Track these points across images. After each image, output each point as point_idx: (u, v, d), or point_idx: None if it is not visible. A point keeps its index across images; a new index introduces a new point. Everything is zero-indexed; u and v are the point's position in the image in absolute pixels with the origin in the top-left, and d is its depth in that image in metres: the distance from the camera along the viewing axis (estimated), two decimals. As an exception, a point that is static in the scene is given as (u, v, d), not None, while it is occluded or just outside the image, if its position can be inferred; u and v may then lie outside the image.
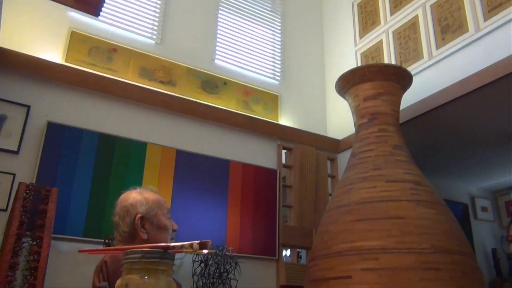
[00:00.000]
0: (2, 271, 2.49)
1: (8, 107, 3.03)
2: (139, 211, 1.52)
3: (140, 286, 0.60)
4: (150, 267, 0.62)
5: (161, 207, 1.60)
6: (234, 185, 3.66)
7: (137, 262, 0.62)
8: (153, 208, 1.55)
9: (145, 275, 0.61)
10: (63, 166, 3.06)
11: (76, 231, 2.98)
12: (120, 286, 0.61)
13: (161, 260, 0.62)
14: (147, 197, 1.58)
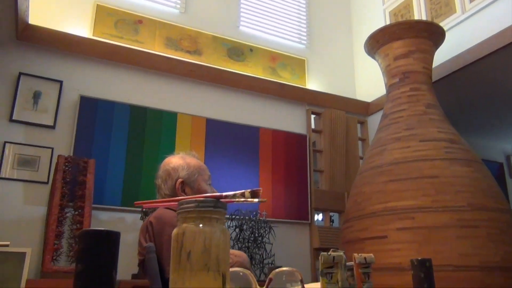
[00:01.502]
0: (50, 240, 2.61)
1: (42, 83, 3.10)
2: (180, 175, 1.56)
3: (196, 233, 0.62)
4: (205, 215, 0.63)
5: (202, 172, 1.64)
6: (265, 152, 3.68)
7: (192, 211, 0.64)
8: (194, 173, 1.58)
9: (200, 223, 0.63)
10: (98, 138, 3.14)
11: (114, 201, 3.08)
12: (177, 234, 0.63)
13: (214, 209, 0.64)
14: (189, 162, 1.61)
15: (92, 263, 0.40)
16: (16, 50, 3.08)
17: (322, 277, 0.70)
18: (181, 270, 0.61)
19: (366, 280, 0.73)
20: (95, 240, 0.41)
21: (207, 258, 0.61)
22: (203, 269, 0.61)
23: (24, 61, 3.09)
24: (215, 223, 0.64)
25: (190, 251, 0.61)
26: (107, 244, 0.41)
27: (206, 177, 1.63)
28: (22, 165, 2.93)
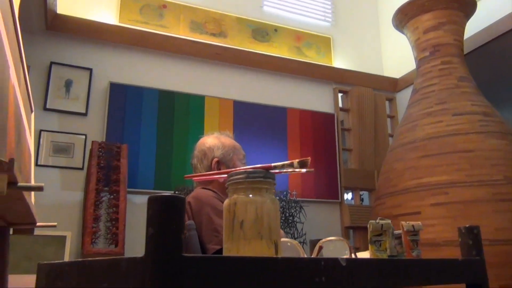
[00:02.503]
0: (88, 223, 2.70)
1: (73, 71, 3.17)
2: (216, 155, 1.58)
3: (247, 203, 0.63)
4: (255, 186, 0.65)
5: (237, 152, 1.65)
6: (293, 132, 3.68)
7: (242, 182, 0.65)
8: (229, 152, 1.60)
9: (250, 194, 0.64)
10: (128, 123, 3.19)
11: (147, 184, 3.14)
12: (229, 205, 0.65)
13: (264, 179, 0.65)
14: (224, 141, 1.63)
15: (162, 226, 0.42)
16: (47, 40, 3.14)
17: (371, 245, 0.70)
18: (235, 239, 0.63)
19: (415, 247, 0.73)
20: (163, 205, 0.42)
21: (260, 226, 0.63)
22: (256, 237, 0.62)
23: (55, 50, 3.15)
24: (265, 193, 0.65)
25: (242, 220, 0.63)
26: (174, 208, 0.42)
27: (240, 156, 1.65)
28: (58, 152, 3.02)
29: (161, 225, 0.42)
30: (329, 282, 0.52)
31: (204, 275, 0.43)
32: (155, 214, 0.42)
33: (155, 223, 0.42)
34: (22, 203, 0.95)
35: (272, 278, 0.48)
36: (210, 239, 1.37)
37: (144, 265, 0.41)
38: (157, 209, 0.42)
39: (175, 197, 0.43)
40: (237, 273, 0.45)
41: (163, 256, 0.41)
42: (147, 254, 0.42)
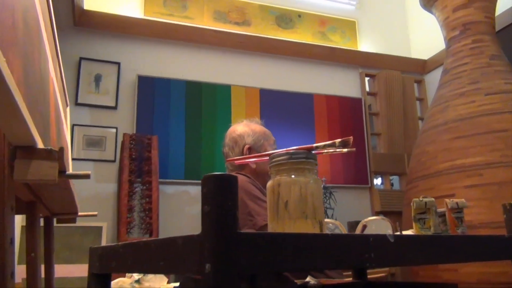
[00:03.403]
0: (123, 214, 2.77)
1: (101, 66, 3.23)
2: (247, 141, 1.60)
3: (291, 183, 0.64)
4: (297, 166, 0.65)
5: (268, 138, 1.67)
6: (320, 118, 3.66)
7: (285, 163, 0.66)
8: (260, 139, 1.61)
9: (293, 174, 0.65)
10: (157, 115, 3.24)
11: (178, 175, 3.19)
12: (273, 186, 0.66)
13: (306, 160, 0.65)
14: (254, 128, 1.64)
15: (217, 204, 0.43)
16: (75, 36, 3.21)
17: (415, 223, 0.70)
18: (280, 219, 0.64)
19: (459, 225, 0.73)
20: (218, 183, 0.43)
21: (304, 206, 0.64)
22: (301, 217, 0.63)
23: (83, 46, 3.22)
24: (307, 173, 0.66)
25: (287, 200, 0.64)
26: (228, 186, 0.43)
27: (271, 141, 1.66)
28: (90, 146, 3.10)
29: (216, 203, 0.43)
30: (378, 258, 0.53)
31: (259, 252, 0.44)
32: (210, 192, 0.43)
33: (210, 201, 0.43)
34: (68, 192, 0.99)
35: (323, 254, 0.49)
36: (245, 223, 1.39)
37: (201, 242, 0.43)
38: (212, 188, 0.43)
39: (229, 175, 0.44)
40: (290, 249, 0.46)
41: (219, 233, 0.42)
42: (204, 231, 0.43)
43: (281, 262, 0.46)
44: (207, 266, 0.41)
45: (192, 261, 0.44)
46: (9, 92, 0.46)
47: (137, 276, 0.85)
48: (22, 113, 0.53)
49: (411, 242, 0.58)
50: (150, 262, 0.53)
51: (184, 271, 0.46)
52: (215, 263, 0.41)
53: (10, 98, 0.47)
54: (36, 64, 0.81)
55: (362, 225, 0.75)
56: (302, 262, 0.47)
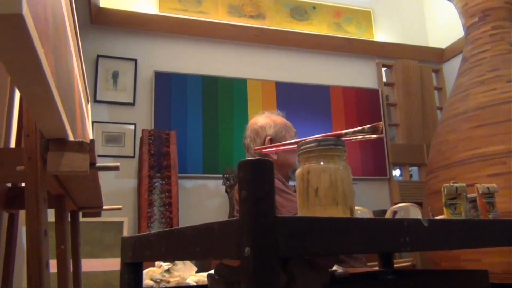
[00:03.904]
0: (143, 208, 2.80)
1: (118, 63, 3.26)
2: (269, 133, 1.60)
3: (321, 170, 0.64)
4: (326, 153, 0.65)
5: (289, 129, 1.66)
6: (337, 110, 3.64)
7: (313, 151, 0.66)
8: (281, 130, 1.61)
9: (322, 161, 0.65)
10: (174, 110, 3.26)
11: (196, 169, 3.21)
12: (302, 174, 0.66)
13: (335, 146, 0.65)
14: (275, 120, 1.64)
15: (254, 188, 0.43)
16: (92, 34, 3.24)
17: (446, 208, 0.69)
18: (310, 206, 0.64)
19: (491, 210, 0.72)
20: (254, 168, 0.44)
21: (335, 192, 0.64)
22: (331, 204, 0.63)
23: (100, 43, 3.25)
24: (337, 160, 0.66)
25: (317, 187, 0.64)
26: (265, 170, 0.44)
27: (292, 133, 1.66)
28: (109, 142, 3.13)
29: (254, 187, 0.43)
30: (413, 242, 0.53)
31: (297, 235, 0.44)
32: (247, 177, 0.44)
33: (247, 186, 0.43)
34: (95, 185, 1.00)
35: (360, 238, 0.49)
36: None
37: (240, 227, 0.43)
38: (249, 172, 0.44)
39: (265, 160, 0.44)
40: (327, 233, 0.46)
41: (257, 217, 0.43)
42: (242, 216, 0.43)
43: (318, 245, 0.46)
44: (246, 249, 0.42)
45: (230, 245, 0.45)
46: (47, 84, 0.46)
47: (167, 266, 0.86)
48: (57, 105, 0.54)
49: (445, 226, 0.57)
50: (186, 249, 0.53)
51: (221, 256, 0.46)
52: (254, 247, 0.42)
53: (47, 89, 0.48)
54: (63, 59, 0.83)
55: (392, 211, 0.75)
56: (339, 246, 0.47)
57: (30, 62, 0.40)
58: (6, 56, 0.38)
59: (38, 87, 0.45)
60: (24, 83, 0.44)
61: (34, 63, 0.40)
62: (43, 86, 0.46)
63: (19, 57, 0.38)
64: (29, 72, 0.41)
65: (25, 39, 0.36)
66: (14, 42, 0.37)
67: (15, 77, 0.42)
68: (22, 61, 0.39)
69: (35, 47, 0.39)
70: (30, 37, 0.37)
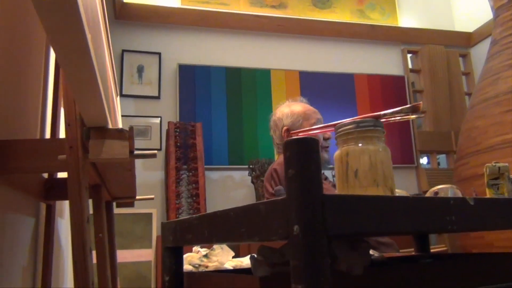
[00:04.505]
0: (171, 200, 2.84)
1: (143, 57, 3.29)
2: (285, 123, 1.59)
3: (360, 152, 0.64)
4: (365, 135, 0.65)
5: (308, 117, 1.63)
6: (362, 98, 3.60)
7: (352, 132, 0.65)
8: (298, 119, 1.59)
9: (360, 143, 0.65)
10: (199, 103, 3.28)
11: (222, 161, 3.23)
12: (340, 156, 0.65)
13: (374, 128, 0.65)
14: (294, 109, 1.62)
15: (301, 167, 0.43)
16: (117, 29, 3.28)
17: (488, 188, 0.68)
18: (350, 188, 0.64)
19: (534, 190, 0.70)
20: (301, 146, 0.44)
21: (375, 174, 0.63)
22: (372, 185, 0.63)
23: (125, 38, 3.29)
24: (376, 141, 0.65)
25: (357, 169, 0.63)
26: (312, 149, 0.44)
27: (312, 121, 1.61)
28: (136, 135, 3.18)
29: (301, 166, 0.43)
30: (459, 221, 0.52)
31: (344, 214, 0.44)
32: (294, 156, 0.44)
33: (294, 164, 0.43)
34: (131, 174, 1.02)
35: (406, 217, 0.48)
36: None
37: (287, 206, 0.43)
38: (295, 151, 0.44)
39: (311, 138, 0.44)
40: (373, 211, 0.46)
41: (305, 195, 0.43)
42: (289, 195, 0.43)
43: (366, 224, 0.46)
44: (295, 227, 0.42)
45: (277, 224, 0.45)
46: (92, 68, 0.47)
47: (204, 251, 0.87)
48: (100, 91, 0.55)
49: (491, 205, 0.56)
50: (230, 231, 0.54)
51: (268, 235, 0.47)
52: (303, 224, 0.42)
53: (93, 74, 0.49)
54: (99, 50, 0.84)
55: (433, 192, 0.74)
56: (387, 225, 0.47)
57: (80, 46, 0.41)
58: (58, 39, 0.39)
59: (85, 71, 0.47)
60: (72, 67, 0.45)
61: (83, 47, 0.41)
62: (89, 71, 0.47)
63: (70, 40, 0.39)
64: (77, 56, 0.42)
65: (76, 23, 0.37)
66: (66, 26, 0.37)
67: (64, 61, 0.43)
68: (72, 45, 0.40)
69: (84, 31, 0.40)
70: (81, 21, 0.38)
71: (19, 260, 1.18)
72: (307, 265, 0.41)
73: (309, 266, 0.41)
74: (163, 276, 0.73)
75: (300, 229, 0.42)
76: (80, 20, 0.38)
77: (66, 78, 0.49)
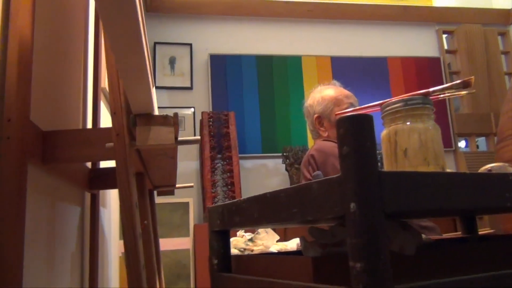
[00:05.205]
0: (207, 189, 2.87)
1: (175, 49, 3.33)
2: (316, 110, 1.56)
3: (409, 130, 0.62)
4: (414, 112, 0.63)
5: (339, 102, 1.58)
6: (396, 82, 3.52)
7: (400, 111, 0.64)
8: (329, 106, 1.55)
9: (409, 121, 0.63)
10: (231, 92, 3.29)
11: (255, 149, 3.24)
12: (388, 135, 0.64)
13: (423, 105, 0.63)
14: (324, 95, 1.59)
15: (356, 144, 0.43)
16: (148, 22, 3.32)
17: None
18: (399, 167, 0.63)
19: None
20: (355, 123, 0.43)
21: (425, 152, 0.62)
22: (422, 164, 0.61)
23: (157, 30, 3.33)
24: (426, 119, 0.63)
25: (406, 148, 0.62)
26: (366, 126, 0.43)
27: (344, 106, 1.56)
28: (170, 127, 3.22)
29: (356, 143, 0.43)
30: (518, 198, 0.50)
31: (402, 190, 0.44)
32: (348, 133, 0.43)
33: (349, 141, 0.43)
34: (173, 162, 1.04)
35: (465, 192, 0.47)
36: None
37: (343, 183, 0.43)
38: (349, 128, 0.43)
39: (365, 115, 0.43)
40: (431, 188, 0.45)
41: (361, 172, 0.42)
42: (345, 173, 0.43)
43: (423, 200, 0.45)
44: (351, 205, 0.41)
45: (332, 203, 0.45)
46: (143, 54, 0.48)
47: (249, 235, 0.88)
48: (149, 77, 0.56)
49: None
50: (280, 212, 0.54)
51: (321, 214, 0.46)
52: (360, 202, 0.41)
53: (143, 61, 0.49)
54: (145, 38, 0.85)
55: (486, 170, 0.72)
56: (445, 201, 0.46)
57: (133, 31, 0.41)
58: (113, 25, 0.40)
59: (136, 58, 0.47)
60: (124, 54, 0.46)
61: (136, 33, 0.42)
62: (140, 57, 0.48)
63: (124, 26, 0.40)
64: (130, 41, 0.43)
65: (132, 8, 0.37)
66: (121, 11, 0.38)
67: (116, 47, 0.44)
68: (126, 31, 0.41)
69: (138, 17, 0.40)
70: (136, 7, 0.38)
71: (69, 247, 1.22)
72: (366, 243, 0.41)
73: (368, 243, 0.41)
74: (211, 260, 0.74)
75: (357, 206, 0.41)
76: (135, 5, 0.38)
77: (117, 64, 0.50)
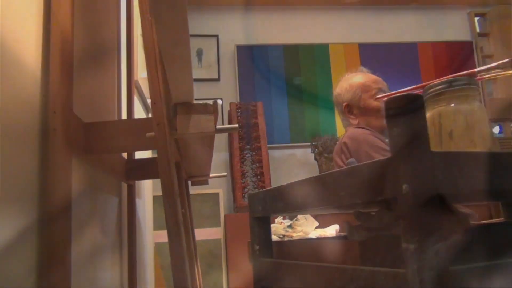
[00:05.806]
0: (237, 179, 2.89)
1: (201, 41, 3.34)
2: (344, 99, 1.54)
3: (454, 112, 0.61)
4: (459, 94, 0.62)
5: (367, 89, 1.54)
6: (426, 68, 3.44)
7: (443, 92, 0.63)
8: (357, 93, 1.52)
9: (453, 103, 0.62)
10: (258, 82, 3.29)
11: (284, 139, 3.24)
12: (432, 118, 0.63)
13: (468, 86, 0.62)
14: (352, 82, 1.55)
15: (407, 123, 0.42)
16: (175, 15, 3.34)
17: None
18: (445, 150, 0.62)
19: None
20: (404, 103, 0.42)
21: (472, 134, 0.60)
22: (469, 146, 0.60)
23: (183, 23, 3.34)
24: (471, 101, 0.62)
25: (451, 130, 0.61)
26: (416, 105, 0.42)
27: (373, 92, 1.52)
28: (199, 119, 3.25)
29: (407, 123, 0.42)
30: None
31: (455, 170, 0.43)
32: (396, 113, 0.43)
33: (399, 122, 0.42)
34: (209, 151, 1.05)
35: None
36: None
37: (394, 164, 0.42)
38: (397, 108, 0.43)
39: (415, 94, 0.43)
40: (485, 167, 0.44)
41: (413, 152, 0.41)
42: (396, 153, 0.42)
43: (475, 181, 0.44)
44: (404, 186, 0.41)
45: (383, 185, 0.44)
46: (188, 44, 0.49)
47: (288, 222, 0.89)
48: (191, 66, 0.56)
49: None
50: (327, 196, 0.54)
51: (371, 196, 0.46)
52: (412, 183, 0.41)
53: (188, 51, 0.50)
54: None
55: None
56: (500, 181, 0.45)
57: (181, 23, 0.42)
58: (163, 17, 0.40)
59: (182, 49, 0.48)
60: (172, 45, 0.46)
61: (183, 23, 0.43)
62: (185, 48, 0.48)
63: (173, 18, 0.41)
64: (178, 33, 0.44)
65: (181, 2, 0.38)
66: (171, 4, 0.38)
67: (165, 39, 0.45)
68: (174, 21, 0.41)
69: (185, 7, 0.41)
70: (185, 0, 0.39)
71: (109, 236, 1.26)
72: (420, 224, 0.40)
73: (422, 224, 0.40)
74: (253, 246, 0.75)
75: (409, 187, 0.41)
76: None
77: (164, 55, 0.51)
